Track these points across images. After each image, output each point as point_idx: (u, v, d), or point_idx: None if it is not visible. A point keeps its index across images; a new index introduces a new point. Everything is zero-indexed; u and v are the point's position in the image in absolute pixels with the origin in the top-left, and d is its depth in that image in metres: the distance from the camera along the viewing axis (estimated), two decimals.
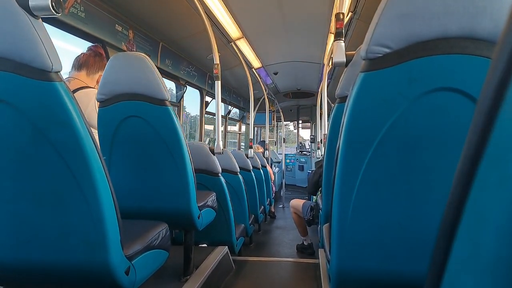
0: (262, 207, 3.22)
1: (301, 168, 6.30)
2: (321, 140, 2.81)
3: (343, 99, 1.17)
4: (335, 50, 1.03)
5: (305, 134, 7.38)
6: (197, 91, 3.54)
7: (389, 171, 0.61)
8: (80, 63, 1.39)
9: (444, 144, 0.57)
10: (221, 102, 2.12)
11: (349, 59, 1.03)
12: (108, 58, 1.41)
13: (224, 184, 1.79)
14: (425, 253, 0.59)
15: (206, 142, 3.38)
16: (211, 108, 3.81)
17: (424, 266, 0.26)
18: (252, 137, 3.05)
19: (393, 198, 0.62)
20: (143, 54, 1.12)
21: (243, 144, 5.81)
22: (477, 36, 0.53)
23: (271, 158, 5.58)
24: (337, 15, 1.13)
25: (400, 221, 0.63)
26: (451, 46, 0.54)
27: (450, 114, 0.56)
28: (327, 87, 3.27)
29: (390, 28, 0.56)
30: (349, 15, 2.24)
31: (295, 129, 7.30)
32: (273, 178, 4.42)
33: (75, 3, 1.57)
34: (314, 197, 2.45)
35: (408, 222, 0.62)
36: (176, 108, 3.11)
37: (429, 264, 0.23)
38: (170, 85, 3.07)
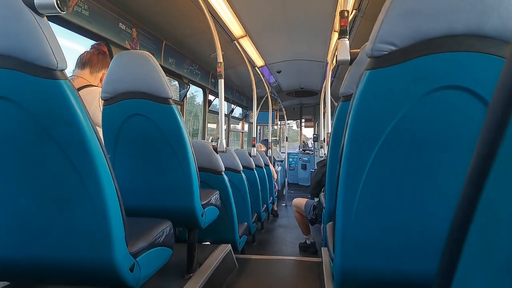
0: (265, 205, 3.22)
1: (304, 167, 6.30)
2: (324, 139, 2.80)
3: (347, 97, 1.16)
4: (340, 48, 1.02)
5: (308, 132, 7.37)
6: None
7: (394, 170, 0.60)
8: (84, 62, 1.39)
9: (450, 142, 0.57)
10: (224, 100, 2.12)
11: (353, 57, 1.02)
12: (112, 56, 1.42)
13: (227, 183, 1.79)
14: (430, 253, 0.59)
15: (210, 141, 3.39)
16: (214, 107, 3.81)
17: (429, 265, 0.26)
18: (255, 136, 3.05)
19: (398, 197, 0.62)
20: (146, 52, 1.12)
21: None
22: (484, 33, 0.52)
23: (274, 157, 5.58)
24: (341, 12, 1.12)
25: (404, 220, 0.62)
26: (458, 43, 0.53)
27: (457, 112, 0.55)
28: (331, 85, 3.25)
29: (395, 25, 0.55)
30: (353, 12, 2.22)
31: (297, 128, 7.29)
32: (275, 177, 4.42)
33: (79, 1, 1.58)
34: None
35: (413, 222, 0.62)
36: (180, 106, 3.12)
37: (439, 263, 0.22)
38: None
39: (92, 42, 1.74)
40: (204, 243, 1.91)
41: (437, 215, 0.59)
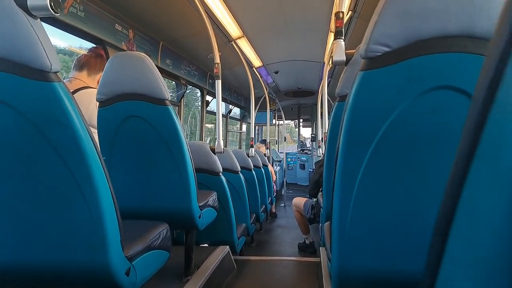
0: (264, 206, 3.22)
1: (303, 166, 6.30)
2: (322, 139, 2.81)
3: (343, 97, 1.16)
4: (335, 49, 1.03)
5: (306, 132, 7.40)
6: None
7: (389, 169, 0.61)
8: (82, 64, 1.39)
9: (443, 142, 0.57)
10: (222, 101, 2.12)
11: (349, 58, 1.02)
12: (108, 57, 1.41)
13: (225, 184, 1.79)
14: (426, 252, 0.59)
15: (207, 142, 3.39)
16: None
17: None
18: (253, 136, 3.05)
19: (394, 196, 0.62)
20: (143, 53, 1.11)
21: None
22: (475, 34, 0.53)
23: (272, 157, 5.58)
24: (337, 13, 1.12)
25: (400, 219, 0.63)
26: (450, 44, 0.53)
27: (449, 112, 0.56)
28: (328, 85, 3.26)
29: (389, 26, 0.55)
30: (349, 14, 2.23)
31: (296, 128, 7.31)
32: (274, 177, 4.42)
33: (75, 2, 1.57)
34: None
35: (409, 221, 0.62)
36: (177, 107, 3.11)
37: (425, 263, 0.23)
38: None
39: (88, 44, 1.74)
40: (202, 245, 1.91)
41: (432, 214, 0.59)
